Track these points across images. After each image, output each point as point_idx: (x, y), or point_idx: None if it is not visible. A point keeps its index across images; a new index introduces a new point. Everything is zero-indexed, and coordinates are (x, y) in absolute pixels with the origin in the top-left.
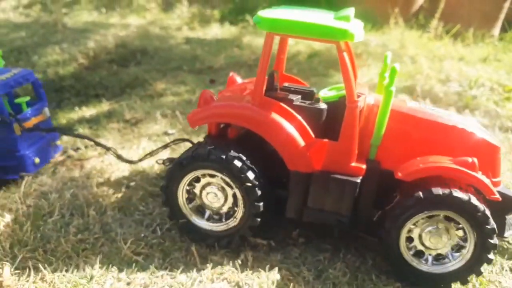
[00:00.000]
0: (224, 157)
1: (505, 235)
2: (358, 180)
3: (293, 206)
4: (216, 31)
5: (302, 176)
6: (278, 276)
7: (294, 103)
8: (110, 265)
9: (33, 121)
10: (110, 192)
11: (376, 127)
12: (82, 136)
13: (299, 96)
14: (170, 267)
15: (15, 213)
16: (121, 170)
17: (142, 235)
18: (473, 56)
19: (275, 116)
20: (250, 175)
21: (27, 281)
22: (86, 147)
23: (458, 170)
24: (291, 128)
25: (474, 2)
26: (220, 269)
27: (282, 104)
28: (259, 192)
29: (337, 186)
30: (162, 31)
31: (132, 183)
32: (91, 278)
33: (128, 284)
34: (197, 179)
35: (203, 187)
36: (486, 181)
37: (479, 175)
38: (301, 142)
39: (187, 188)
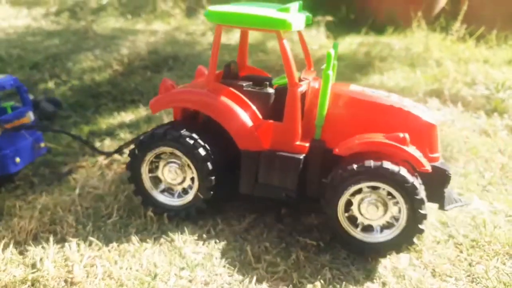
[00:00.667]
0: (177, 135)
1: (446, 208)
2: (301, 157)
3: (245, 182)
4: (239, 36)
5: (252, 154)
6: (329, 275)
7: (244, 88)
8: (171, 264)
9: (15, 123)
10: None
11: (318, 109)
12: (58, 131)
13: (251, 83)
14: (228, 265)
15: (75, 214)
16: None
17: (197, 235)
18: (498, 59)
19: (225, 100)
20: (202, 151)
21: (96, 277)
22: None
23: (388, 144)
24: (240, 111)
25: (497, 4)
26: (273, 268)
27: (231, 89)
28: (210, 167)
29: (283, 163)
30: (188, 37)
31: None
32: (155, 276)
33: (190, 281)
34: (159, 158)
35: (165, 165)
36: (416, 154)
37: (409, 148)
38: (249, 123)
39: (150, 167)
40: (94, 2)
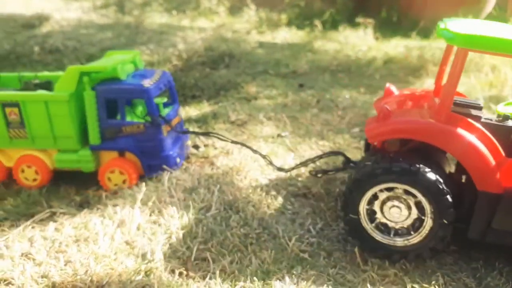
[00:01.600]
0: (415, 170)
1: None
2: None
3: (477, 227)
4: (284, 35)
5: (491, 197)
6: (441, 281)
7: (483, 120)
8: (280, 261)
9: (174, 122)
10: (253, 190)
11: None
12: (237, 142)
13: (483, 112)
14: (338, 266)
15: (172, 204)
16: (254, 169)
17: (298, 235)
18: None
19: (464, 133)
20: (442, 186)
21: (209, 271)
22: (205, 145)
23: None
24: (482, 147)
25: None
26: (383, 271)
27: (470, 120)
28: (450, 200)
29: None
30: (234, 35)
31: (270, 182)
32: (268, 272)
33: (303, 279)
34: (375, 197)
35: (383, 203)
36: None
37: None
38: (492, 161)
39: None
40: None
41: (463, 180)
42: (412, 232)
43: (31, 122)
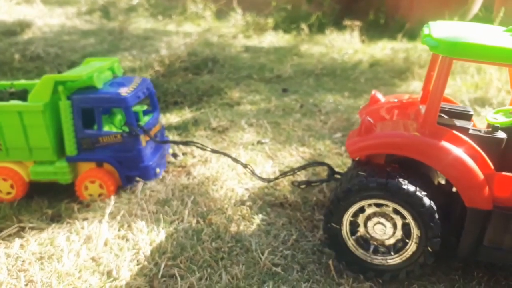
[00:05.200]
0: (402, 187)
1: None
2: None
3: (467, 245)
4: (271, 39)
5: (481, 214)
6: None
7: (470, 132)
8: (251, 276)
9: (153, 131)
10: (228, 200)
11: None
12: (217, 151)
13: (471, 123)
14: (311, 280)
15: (142, 218)
16: (231, 178)
17: (272, 246)
18: None
19: (451, 148)
20: (428, 203)
21: None
22: (184, 154)
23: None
24: (469, 161)
25: None
26: (358, 284)
27: (456, 133)
28: (437, 217)
29: None
30: (220, 39)
31: (246, 192)
32: None
33: None
34: (361, 210)
35: (368, 218)
36: None
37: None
38: (480, 176)
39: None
40: (124, 3)
41: (454, 190)
42: (392, 253)
43: (5, 133)
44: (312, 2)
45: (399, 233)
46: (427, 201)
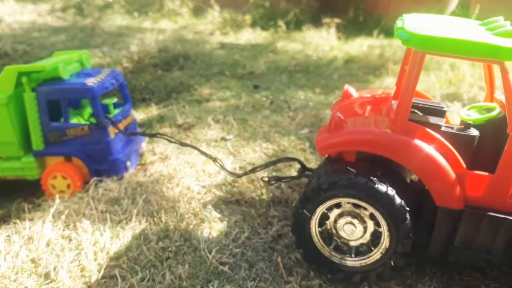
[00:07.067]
0: (370, 185)
1: None
2: None
3: (438, 245)
4: (248, 36)
5: (452, 213)
6: None
7: (442, 129)
8: (196, 276)
9: (123, 124)
10: (182, 198)
11: None
12: (186, 144)
13: (443, 119)
14: (258, 278)
15: (89, 218)
16: (188, 176)
17: (222, 243)
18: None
19: (422, 145)
20: (399, 200)
21: None
22: (144, 151)
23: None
24: (441, 160)
25: (508, 7)
26: (307, 282)
27: (429, 130)
28: (407, 216)
29: (492, 225)
30: (196, 36)
31: (203, 189)
32: None
33: None
34: (329, 208)
35: (338, 217)
36: None
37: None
38: (452, 175)
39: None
40: (100, 0)
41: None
42: (352, 255)
43: None
44: None
45: (367, 238)
46: (398, 200)
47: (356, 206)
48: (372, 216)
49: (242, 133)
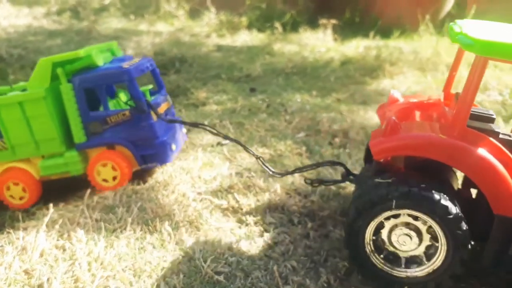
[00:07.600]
0: (432, 197)
1: None
2: None
3: (493, 254)
4: (244, 38)
5: (509, 221)
6: None
7: (500, 136)
8: (191, 286)
9: (163, 108)
10: (177, 205)
11: None
12: (230, 139)
13: (499, 126)
14: (254, 287)
15: (84, 227)
16: (184, 182)
17: (217, 252)
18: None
19: (483, 152)
20: (457, 213)
21: None
22: None
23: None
24: (500, 167)
25: (505, 8)
26: None
27: (489, 137)
28: (465, 228)
29: None
30: (192, 38)
31: (198, 196)
32: None
33: None
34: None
35: (391, 230)
36: None
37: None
38: (511, 183)
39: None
40: (96, 2)
41: (474, 196)
42: (422, 263)
43: (8, 129)
44: (287, 0)
45: (426, 240)
46: (453, 208)
47: (395, 216)
48: (427, 227)
49: (238, 138)
